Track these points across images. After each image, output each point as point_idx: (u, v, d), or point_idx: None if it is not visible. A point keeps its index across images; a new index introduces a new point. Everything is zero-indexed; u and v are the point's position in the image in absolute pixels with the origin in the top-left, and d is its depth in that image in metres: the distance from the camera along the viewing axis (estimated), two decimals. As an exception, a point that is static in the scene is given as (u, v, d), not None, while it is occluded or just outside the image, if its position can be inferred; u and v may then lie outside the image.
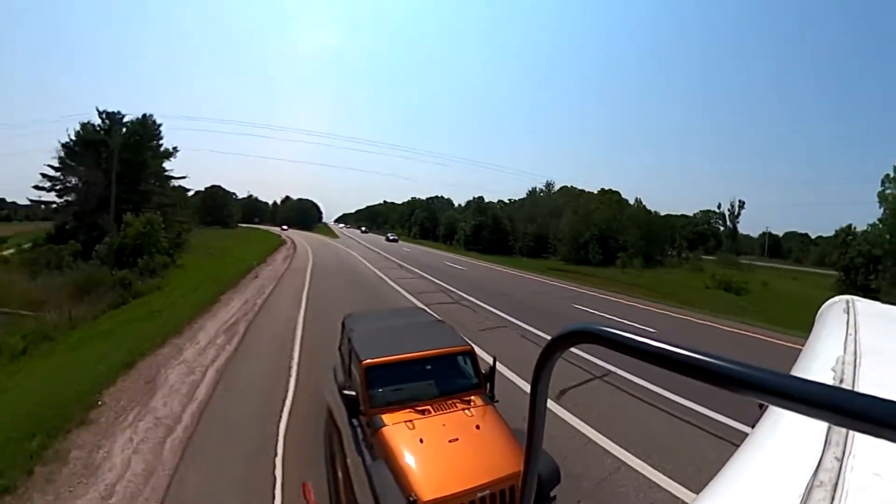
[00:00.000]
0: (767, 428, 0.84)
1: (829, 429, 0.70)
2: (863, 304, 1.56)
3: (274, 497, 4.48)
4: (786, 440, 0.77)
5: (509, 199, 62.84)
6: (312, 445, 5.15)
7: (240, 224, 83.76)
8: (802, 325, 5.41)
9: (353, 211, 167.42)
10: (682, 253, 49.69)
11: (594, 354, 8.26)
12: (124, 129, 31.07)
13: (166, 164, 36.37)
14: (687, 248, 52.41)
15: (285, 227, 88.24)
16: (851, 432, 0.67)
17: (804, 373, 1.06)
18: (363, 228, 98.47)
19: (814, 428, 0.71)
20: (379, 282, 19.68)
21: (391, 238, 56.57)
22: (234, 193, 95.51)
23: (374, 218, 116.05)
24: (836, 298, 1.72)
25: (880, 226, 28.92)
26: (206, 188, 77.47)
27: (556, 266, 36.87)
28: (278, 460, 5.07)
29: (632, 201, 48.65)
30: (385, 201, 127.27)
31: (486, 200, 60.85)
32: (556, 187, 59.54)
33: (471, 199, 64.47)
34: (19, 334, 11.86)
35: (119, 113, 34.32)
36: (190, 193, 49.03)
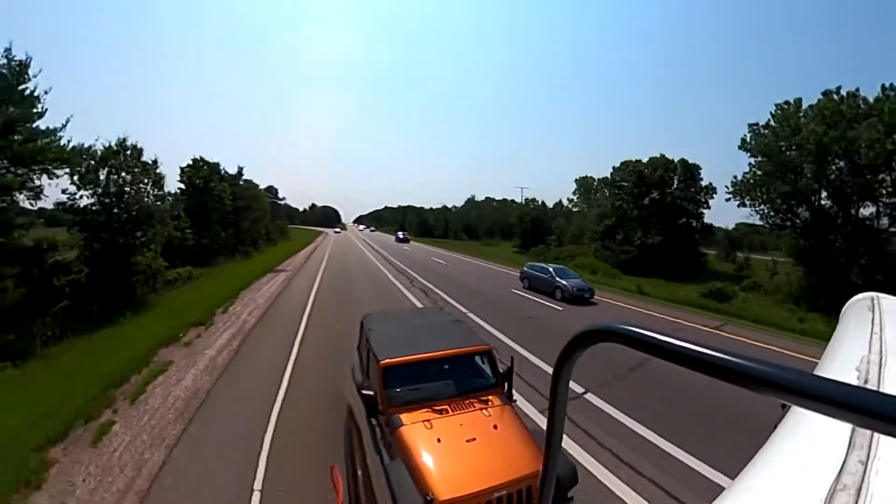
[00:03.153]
0: (789, 429, 0.83)
1: (852, 431, 0.69)
2: (888, 302, 1.54)
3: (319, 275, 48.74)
4: (808, 442, 0.75)
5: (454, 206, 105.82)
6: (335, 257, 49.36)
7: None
8: (500, 259, 48.44)
9: (367, 213, 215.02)
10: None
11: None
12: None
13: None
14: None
15: (338, 230, 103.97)
16: (876, 435, 0.66)
17: (828, 372, 1.05)
18: (401, 234, 64.88)
19: (837, 430, 0.70)
20: (345, 238, 65.54)
21: (548, 272, 22.44)
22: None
23: (379, 220, 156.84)
24: (861, 296, 1.68)
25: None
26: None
27: (443, 242, 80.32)
28: (322, 266, 49.00)
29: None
30: (386, 206, 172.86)
31: (445, 206, 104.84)
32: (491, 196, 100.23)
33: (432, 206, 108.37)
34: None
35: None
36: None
